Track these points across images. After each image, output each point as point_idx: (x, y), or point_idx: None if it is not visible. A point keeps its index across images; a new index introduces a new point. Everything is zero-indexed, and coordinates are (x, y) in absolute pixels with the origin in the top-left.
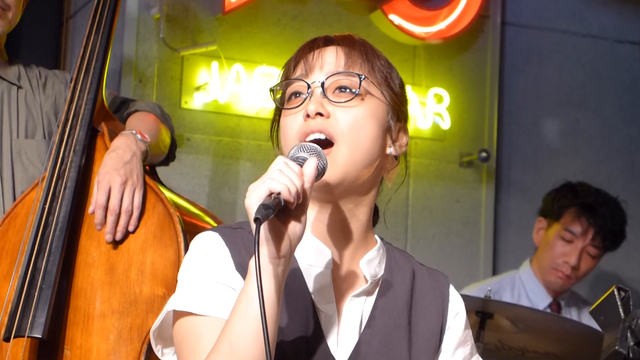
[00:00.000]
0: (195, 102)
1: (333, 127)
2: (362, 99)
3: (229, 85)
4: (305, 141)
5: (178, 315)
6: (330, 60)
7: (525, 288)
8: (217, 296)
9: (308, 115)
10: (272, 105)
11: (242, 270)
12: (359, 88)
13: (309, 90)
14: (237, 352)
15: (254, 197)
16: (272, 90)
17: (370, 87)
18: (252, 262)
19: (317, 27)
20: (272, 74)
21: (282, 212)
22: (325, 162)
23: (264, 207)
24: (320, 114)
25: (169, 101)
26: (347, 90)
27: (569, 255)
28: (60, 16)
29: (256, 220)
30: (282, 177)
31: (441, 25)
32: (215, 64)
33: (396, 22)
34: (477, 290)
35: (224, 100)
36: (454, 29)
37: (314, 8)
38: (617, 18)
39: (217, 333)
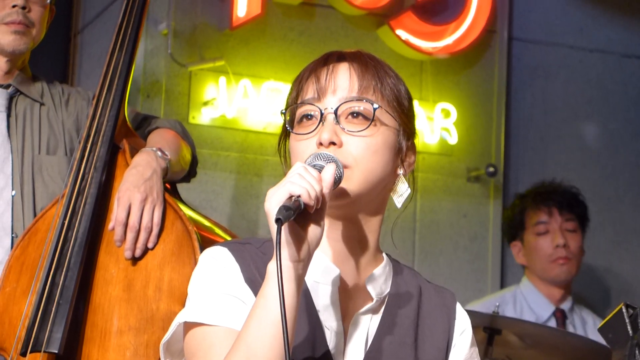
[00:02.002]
0: (202, 117)
1: (346, 157)
2: (375, 125)
3: (236, 100)
4: None
5: (189, 326)
6: (344, 84)
7: (527, 300)
8: (228, 307)
9: (321, 144)
10: (280, 120)
11: (252, 284)
12: (373, 118)
13: (322, 116)
14: (255, 355)
15: (273, 200)
16: (283, 112)
17: (382, 113)
18: (271, 265)
19: (324, 43)
20: (280, 89)
21: (301, 216)
22: (341, 170)
23: (285, 208)
24: (334, 143)
25: (176, 116)
26: (360, 116)
27: (554, 239)
28: (68, 31)
29: (277, 220)
30: (301, 181)
31: (448, 40)
32: (222, 79)
33: (403, 37)
34: (479, 306)
35: (231, 115)
36: (461, 44)
37: (321, 23)
38: (623, 33)
39: (229, 343)
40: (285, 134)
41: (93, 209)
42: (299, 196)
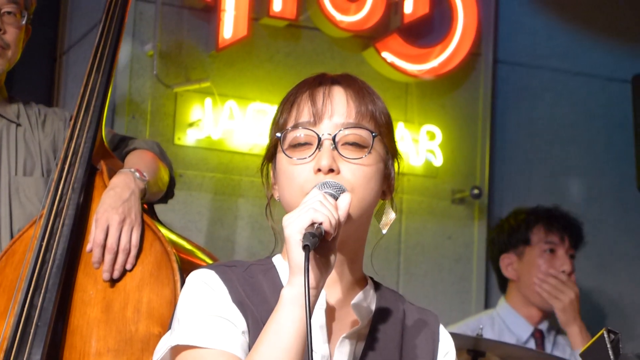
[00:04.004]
0: (188, 138)
1: (343, 184)
2: (370, 153)
3: (222, 121)
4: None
5: (180, 349)
6: (341, 109)
7: (505, 322)
8: (220, 329)
9: (319, 170)
10: (265, 142)
11: (240, 306)
12: (372, 147)
13: (319, 141)
14: None
15: (295, 227)
16: (278, 137)
17: (377, 140)
18: (285, 292)
19: (310, 64)
20: (266, 110)
21: (321, 243)
22: None
23: (311, 235)
24: (332, 170)
25: (162, 137)
26: (357, 144)
27: (562, 264)
28: (54, 52)
29: (305, 247)
30: (323, 209)
31: (434, 62)
32: (208, 100)
33: (389, 60)
34: (456, 329)
35: (217, 136)
36: (447, 66)
37: (308, 45)
38: (608, 56)
39: None
40: (272, 156)
41: (71, 231)
42: (320, 223)
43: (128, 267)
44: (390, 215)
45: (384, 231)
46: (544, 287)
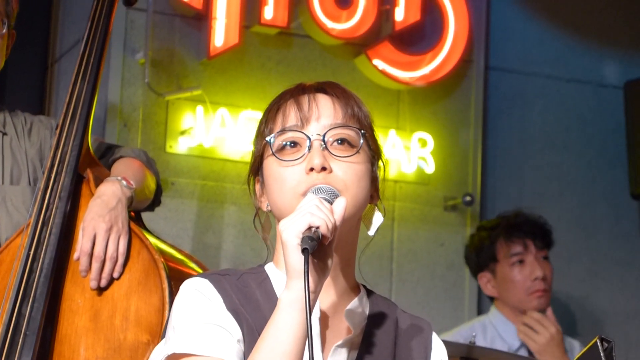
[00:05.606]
0: (180, 146)
1: (336, 182)
2: (358, 152)
3: (213, 129)
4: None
5: (175, 357)
6: (327, 111)
7: (497, 330)
8: (216, 337)
9: (311, 169)
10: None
11: (235, 314)
12: (361, 144)
13: (309, 142)
14: None
15: (292, 231)
16: (268, 141)
17: (364, 140)
18: (283, 296)
19: (302, 72)
20: (257, 118)
21: (318, 247)
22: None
23: (309, 239)
24: (324, 168)
25: (153, 145)
26: (346, 142)
27: (533, 272)
28: (45, 60)
29: (304, 250)
30: (320, 213)
31: (425, 70)
32: (200, 108)
33: (380, 67)
34: (450, 337)
35: (208, 144)
36: (438, 73)
37: (299, 53)
38: (600, 63)
39: None
40: (258, 167)
41: (58, 239)
42: (318, 227)
43: (115, 275)
44: (379, 218)
45: (371, 232)
46: (520, 329)
